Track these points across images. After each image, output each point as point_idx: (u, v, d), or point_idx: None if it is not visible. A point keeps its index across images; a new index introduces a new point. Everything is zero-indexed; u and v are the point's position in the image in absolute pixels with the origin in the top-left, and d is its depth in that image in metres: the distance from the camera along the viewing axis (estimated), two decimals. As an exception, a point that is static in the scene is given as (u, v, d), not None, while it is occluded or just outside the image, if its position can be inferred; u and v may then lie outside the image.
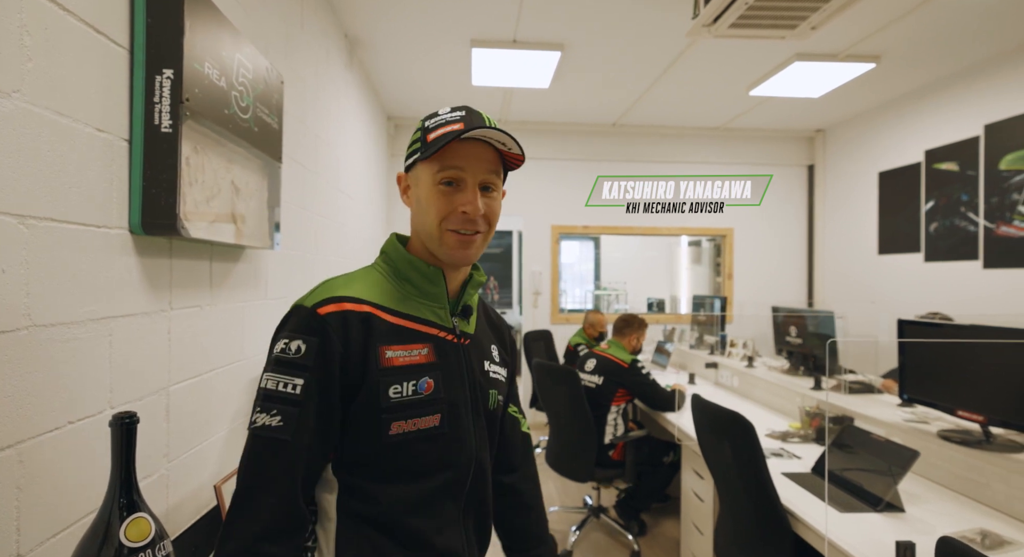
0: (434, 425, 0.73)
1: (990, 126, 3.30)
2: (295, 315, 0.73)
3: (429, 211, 0.77)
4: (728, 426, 1.54)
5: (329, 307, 0.71)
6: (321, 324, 0.70)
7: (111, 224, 1.01)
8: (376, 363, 0.71)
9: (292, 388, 0.68)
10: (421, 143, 0.78)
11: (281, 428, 0.67)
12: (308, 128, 2.25)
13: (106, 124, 0.99)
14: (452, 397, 0.76)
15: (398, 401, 0.71)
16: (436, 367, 0.75)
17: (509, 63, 3.19)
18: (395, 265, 0.81)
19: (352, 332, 0.70)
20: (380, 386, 0.70)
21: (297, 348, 0.69)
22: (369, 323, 0.72)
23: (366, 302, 0.74)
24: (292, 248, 2.04)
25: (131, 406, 1.07)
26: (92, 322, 0.96)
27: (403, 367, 0.72)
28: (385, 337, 0.72)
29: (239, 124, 1.36)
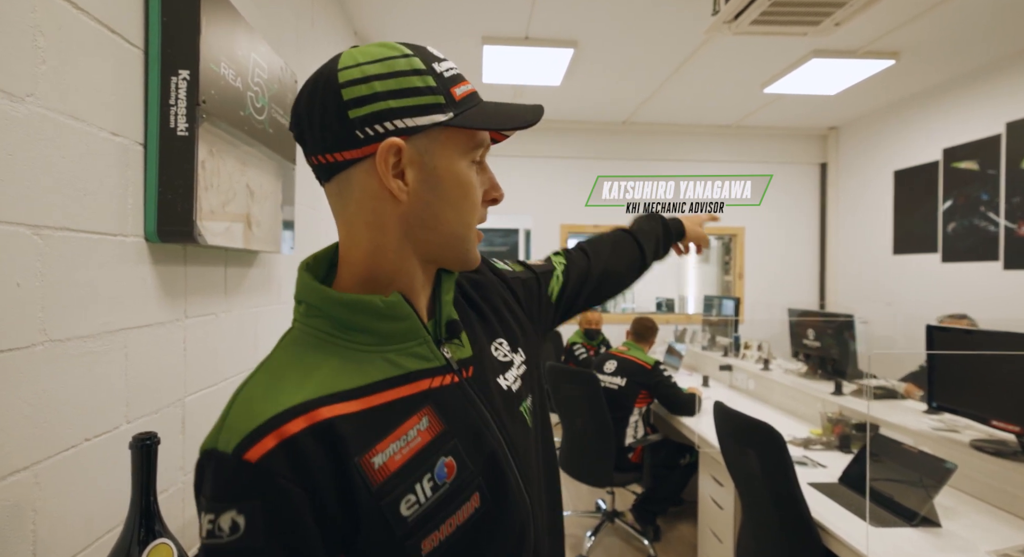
0: (475, 508, 0.51)
1: (1012, 124, 3.23)
2: (214, 468, 0.45)
3: (462, 204, 0.53)
4: (756, 436, 1.50)
5: (262, 444, 0.43)
6: (257, 478, 0.43)
7: (126, 232, 0.97)
8: (366, 486, 0.46)
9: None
10: (445, 96, 0.51)
11: None
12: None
13: (121, 128, 0.95)
14: (484, 458, 0.53)
15: (418, 513, 0.48)
16: (448, 436, 0.51)
17: (521, 60, 3.14)
18: (329, 316, 0.52)
19: (313, 463, 0.44)
20: (386, 511, 0.47)
21: (232, 525, 0.43)
22: (332, 434, 0.45)
23: (313, 403, 0.46)
24: (303, 250, 2.00)
25: (147, 420, 1.03)
26: (108, 335, 0.92)
27: (406, 466, 0.48)
28: (363, 440, 0.47)
29: (254, 126, 1.31)
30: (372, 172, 0.50)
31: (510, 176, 4.66)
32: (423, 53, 0.53)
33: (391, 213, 0.51)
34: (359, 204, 0.51)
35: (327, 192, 0.54)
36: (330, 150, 0.50)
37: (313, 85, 0.51)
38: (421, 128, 0.50)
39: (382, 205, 0.51)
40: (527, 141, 4.64)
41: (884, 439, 1.68)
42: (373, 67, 0.49)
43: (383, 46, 0.51)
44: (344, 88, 0.48)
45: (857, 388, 2.34)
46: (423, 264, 0.55)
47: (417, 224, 0.52)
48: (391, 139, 0.49)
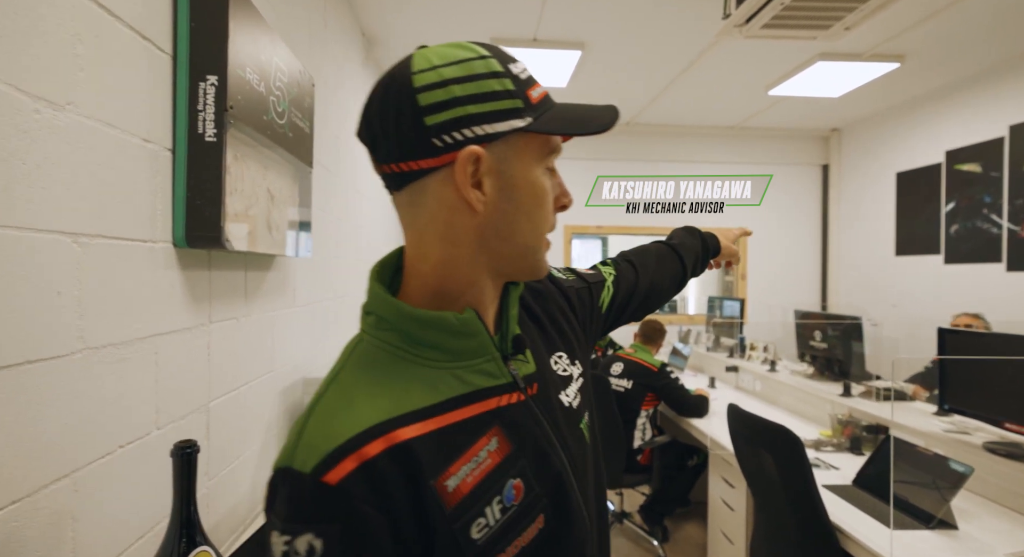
0: (540, 529, 0.51)
1: (1016, 127, 3.26)
2: (287, 490, 0.43)
3: (535, 213, 0.51)
4: (773, 438, 1.51)
5: (342, 466, 0.42)
6: (337, 502, 0.42)
7: (156, 238, 0.97)
8: (441, 509, 0.45)
9: None
10: (522, 100, 0.48)
11: None
12: (329, 129, 2.20)
13: (151, 134, 0.95)
14: (550, 479, 0.52)
15: (488, 537, 0.47)
16: (516, 457, 0.50)
17: (528, 62, 3.12)
18: (400, 330, 0.50)
19: (391, 489, 0.43)
20: (458, 535, 0.46)
21: (308, 549, 0.41)
22: (409, 457, 0.44)
23: (391, 424, 0.45)
24: (319, 253, 2.00)
25: (175, 425, 1.03)
26: (139, 341, 0.92)
27: (477, 488, 0.47)
28: (437, 462, 0.46)
29: (276, 130, 1.31)
30: (449, 182, 0.47)
31: (514, 177, 4.67)
32: (499, 54, 0.49)
33: (467, 225, 0.49)
34: (433, 215, 0.49)
35: (396, 201, 0.52)
36: (404, 159, 0.47)
37: (385, 89, 0.48)
38: (501, 135, 0.47)
39: (458, 217, 0.48)
40: (531, 142, 4.64)
41: (899, 442, 1.69)
42: (450, 70, 0.46)
43: (458, 47, 0.49)
44: (420, 93, 0.46)
45: (866, 390, 2.35)
46: (493, 277, 0.53)
47: (492, 236, 0.50)
48: (471, 147, 0.46)
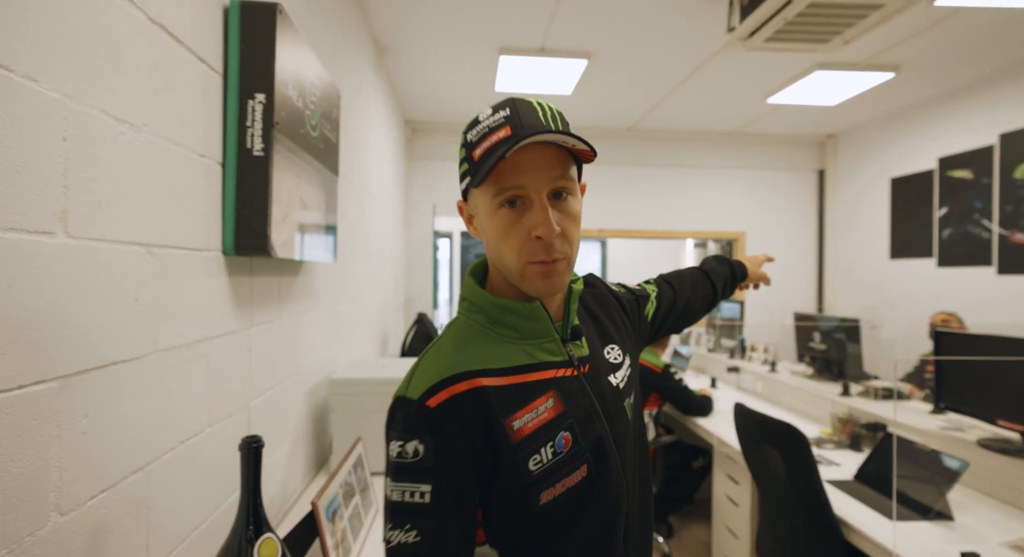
0: (583, 477, 0.65)
1: (1005, 135, 3.36)
2: (401, 410, 0.63)
3: (501, 245, 0.65)
4: (779, 436, 1.58)
5: (439, 396, 0.61)
6: (434, 419, 0.61)
7: (209, 247, 1.03)
8: (507, 441, 0.62)
9: (420, 497, 0.60)
10: (469, 164, 0.66)
11: (419, 544, 0.59)
12: (347, 137, 2.26)
13: (206, 149, 1.01)
14: (592, 439, 0.66)
15: (540, 471, 0.63)
16: (567, 416, 0.65)
17: (535, 70, 3.22)
18: (485, 313, 0.69)
19: (471, 416, 0.61)
20: (519, 464, 0.62)
21: (415, 451, 0.60)
22: (486, 398, 0.62)
23: (474, 373, 0.63)
24: (344, 259, 2.06)
25: (221, 424, 1.09)
26: (196, 344, 0.98)
27: (535, 433, 0.63)
28: (507, 406, 0.63)
29: (310, 142, 1.38)
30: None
31: (517, 181, 4.74)
32: (472, 126, 0.68)
33: (485, 247, 0.70)
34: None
35: None
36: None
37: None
38: (464, 192, 0.70)
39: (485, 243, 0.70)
40: (534, 147, 4.71)
41: (899, 439, 1.77)
42: (464, 141, 0.70)
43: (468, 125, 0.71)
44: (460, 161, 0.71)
45: (864, 389, 2.44)
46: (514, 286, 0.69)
47: (491, 258, 0.70)
48: (458, 200, 0.73)
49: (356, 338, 2.45)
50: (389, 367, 1.88)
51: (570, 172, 0.66)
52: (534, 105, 0.66)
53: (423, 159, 4.62)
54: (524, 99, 0.67)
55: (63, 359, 0.65)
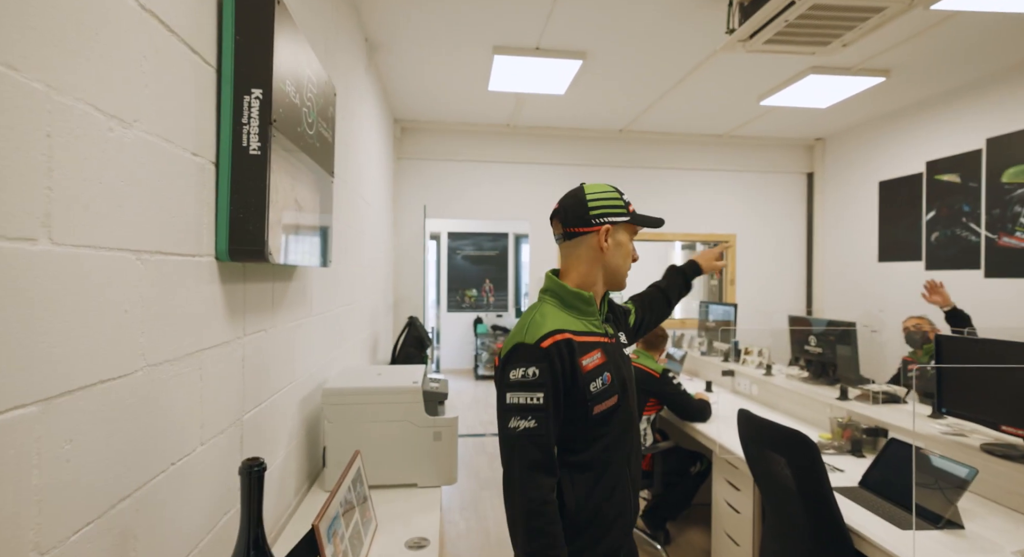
0: (615, 402, 1.11)
1: (992, 140, 3.42)
2: (524, 349, 1.06)
3: (626, 258, 1.18)
4: (787, 444, 1.56)
5: (547, 341, 1.05)
6: (546, 354, 1.04)
7: (202, 252, 0.96)
8: (580, 371, 1.07)
9: (537, 400, 1.02)
10: (625, 210, 1.16)
11: (537, 426, 1.02)
12: (339, 136, 2.19)
13: (199, 147, 0.94)
14: (620, 380, 1.13)
15: (596, 392, 1.08)
16: (608, 364, 1.11)
17: (529, 70, 3.17)
18: (562, 298, 1.15)
19: (564, 355, 1.06)
20: (585, 386, 1.07)
21: (533, 373, 1.03)
22: (570, 346, 1.07)
23: (564, 331, 1.07)
24: (339, 263, 1.99)
25: (214, 441, 1.02)
26: (188, 356, 0.91)
27: (593, 370, 1.08)
28: (579, 352, 1.08)
29: (307, 141, 1.31)
30: (594, 238, 1.15)
31: (508, 182, 4.69)
32: (621, 193, 1.18)
33: (597, 258, 1.16)
34: (582, 253, 1.16)
35: (564, 245, 1.18)
36: (575, 225, 1.15)
37: (572, 195, 1.17)
38: (617, 222, 1.15)
39: (595, 254, 1.15)
40: (527, 148, 4.67)
41: (905, 445, 1.76)
42: (603, 193, 1.16)
43: (607, 185, 1.18)
44: (588, 199, 1.15)
45: (861, 393, 2.43)
46: (601, 285, 1.18)
47: (606, 264, 1.16)
48: (607, 224, 1.14)
49: (348, 344, 2.37)
50: (385, 375, 1.82)
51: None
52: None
53: (413, 159, 4.55)
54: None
55: (45, 379, 0.59)
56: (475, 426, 4.95)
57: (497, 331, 7.43)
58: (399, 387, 1.68)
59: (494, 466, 3.90)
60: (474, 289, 7.72)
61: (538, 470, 1.00)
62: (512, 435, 1.02)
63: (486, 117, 4.35)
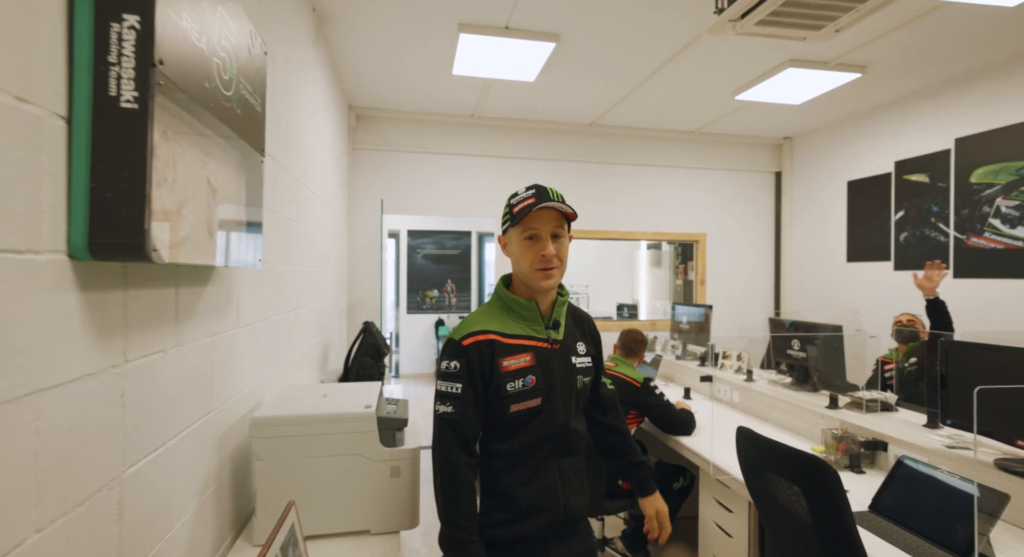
0: (536, 404, 1.18)
1: (961, 140, 3.41)
2: (450, 345, 1.19)
3: (522, 259, 1.19)
4: (802, 471, 1.36)
5: (468, 340, 1.17)
6: (464, 351, 1.16)
7: (39, 247, 0.65)
8: (499, 370, 1.16)
9: (455, 389, 1.15)
10: (509, 215, 1.19)
11: (453, 411, 1.15)
12: (280, 114, 1.87)
13: (31, 90, 0.63)
14: (548, 385, 1.19)
15: (513, 392, 1.16)
16: (536, 368, 1.18)
17: (497, 52, 2.91)
18: (503, 302, 1.23)
19: (484, 353, 1.16)
20: (503, 384, 1.16)
21: (454, 366, 1.16)
22: (493, 346, 1.17)
23: (489, 332, 1.18)
24: (273, 263, 1.67)
25: (70, 516, 0.71)
26: (8, 404, 0.60)
27: (516, 371, 1.17)
28: (502, 353, 1.17)
29: (221, 104, 1.00)
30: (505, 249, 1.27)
31: (472, 176, 4.41)
32: (513, 196, 1.22)
33: (512, 263, 1.25)
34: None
35: None
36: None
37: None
38: (505, 230, 1.23)
39: (512, 262, 1.25)
40: (493, 140, 4.41)
41: (915, 463, 1.60)
42: (506, 206, 1.24)
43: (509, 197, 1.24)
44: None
45: (851, 401, 2.30)
46: (526, 288, 1.24)
47: (515, 269, 1.24)
48: (499, 235, 1.27)
49: (293, 357, 2.05)
50: (332, 398, 1.52)
51: (563, 226, 1.20)
52: (548, 189, 1.19)
53: (369, 149, 4.20)
54: (543, 185, 1.20)
55: None
56: (437, 436, 4.65)
57: (460, 333, 7.13)
58: (348, 413, 1.38)
59: (459, 482, 3.61)
60: (435, 290, 7.40)
61: (452, 446, 1.15)
62: (436, 416, 1.18)
63: (449, 106, 4.06)
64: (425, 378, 7.21)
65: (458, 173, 4.40)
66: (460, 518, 1.12)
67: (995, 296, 3.24)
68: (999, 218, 3.22)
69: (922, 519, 1.47)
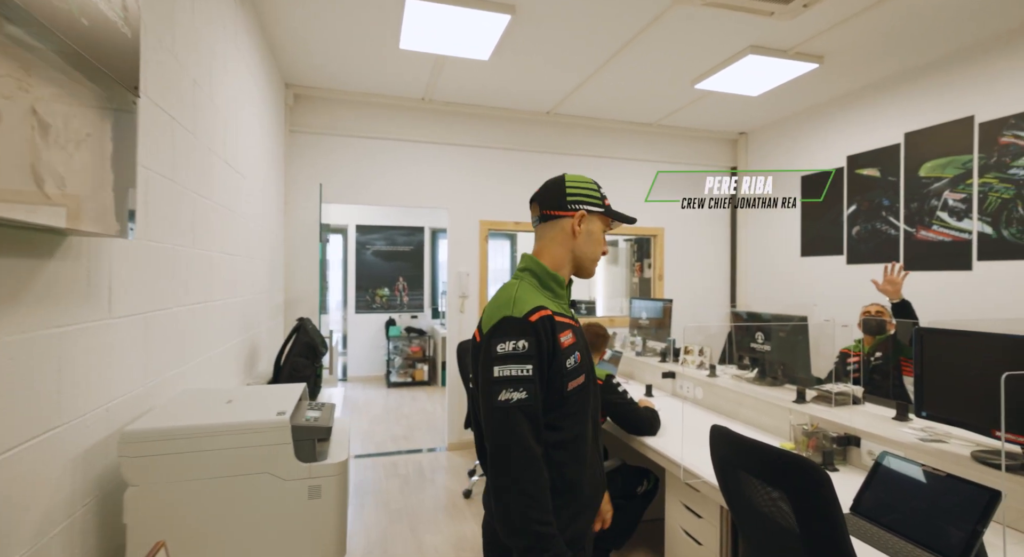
0: (583, 382, 1.13)
1: (910, 134, 3.45)
2: (512, 323, 1.06)
3: (596, 246, 1.21)
4: (787, 474, 1.21)
5: (535, 316, 1.07)
6: (534, 328, 1.05)
7: None
8: (559, 347, 1.09)
9: (526, 371, 1.03)
10: (601, 202, 1.21)
11: (527, 397, 1.03)
12: (183, 67, 1.57)
13: None
14: (586, 361, 1.16)
15: (570, 369, 1.10)
16: (578, 344, 1.14)
17: (448, 23, 2.68)
18: (539, 278, 1.18)
19: (549, 329, 1.07)
20: (563, 361, 1.09)
21: (523, 345, 1.04)
22: (552, 321, 1.09)
23: (546, 308, 1.09)
24: (157, 237, 1.37)
25: None
26: None
27: (569, 347, 1.11)
28: (559, 329, 1.10)
29: (55, 8, 0.73)
30: (568, 222, 1.18)
31: (423, 164, 4.15)
32: (600, 186, 1.24)
33: (569, 242, 1.19)
34: (555, 235, 1.19)
35: (540, 227, 1.21)
36: (553, 209, 1.19)
37: (553, 182, 1.21)
38: (592, 211, 1.19)
39: (567, 238, 1.19)
40: (445, 127, 4.16)
41: (897, 460, 1.49)
42: (582, 183, 1.21)
43: (588, 178, 1.22)
44: (567, 185, 1.20)
45: (818, 394, 2.21)
46: (570, 270, 1.22)
47: (576, 249, 1.19)
48: (582, 211, 1.18)
49: (200, 358, 1.74)
50: (239, 403, 1.25)
51: None
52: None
53: (309, 133, 3.87)
54: None
55: None
56: (386, 443, 4.35)
57: (412, 333, 6.81)
58: (254, 423, 1.12)
59: (408, 491, 3.35)
60: (386, 288, 7.05)
61: (531, 438, 1.02)
62: (505, 407, 1.02)
63: (398, 88, 3.78)
64: (375, 381, 6.85)
65: (408, 161, 4.12)
66: (550, 516, 1.00)
67: (943, 288, 3.28)
68: (947, 211, 3.27)
69: (910, 521, 1.35)
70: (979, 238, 3.10)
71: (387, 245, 7.12)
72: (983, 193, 3.08)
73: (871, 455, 1.77)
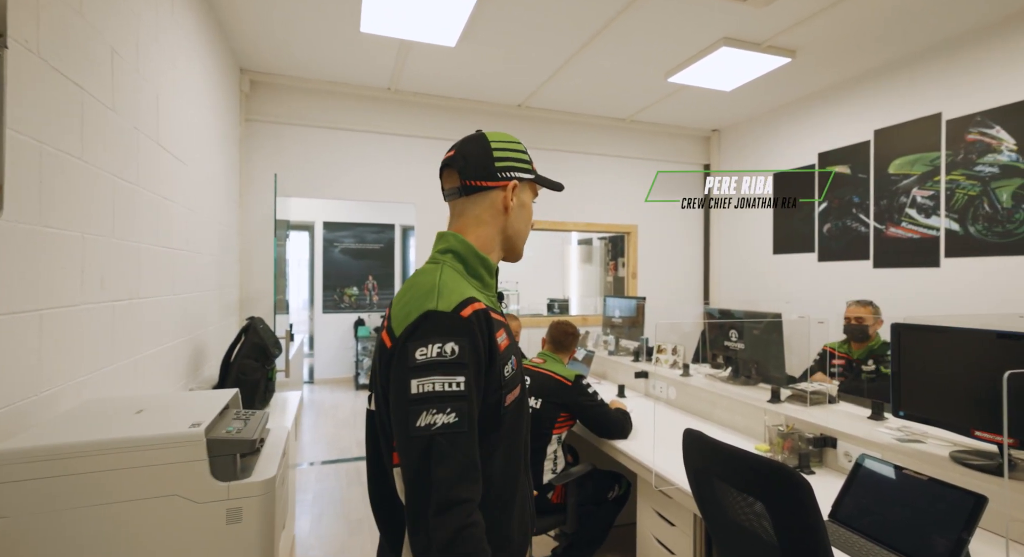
0: (519, 394, 0.88)
1: (879, 131, 3.45)
2: (438, 319, 0.77)
3: (526, 221, 0.98)
4: (766, 483, 1.11)
5: (467, 310, 0.79)
6: (467, 326, 0.78)
7: None
8: (497, 350, 0.82)
9: (457, 386, 0.75)
10: (530, 167, 0.98)
11: (458, 422, 0.74)
12: (96, 30, 1.38)
13: None
14: (521, 370, 0.91)
15: (509, 377, 0.84)
16: (512, 347, 0.89)
17: (412, 4, 2.53)
18: (467, 263, 0.90)
19: (483, 329, 0.80)
20: (500, 368, 0.82)
21: (452, 350, 0.76)
22: (488, 317, 0.82)
23: (477, 300, 0.82)
24: (56, 223, 1.19)
25: None
26: None
27: (506, 349, 0.85)
28: (495, 327, 0.83)
29: None
30: (498, 194, 0.93)
31: (389, 157, 3.98)
32: (516, 140, 0.98)
33: (499, 219, 0.94)
34: (483, 211, 0.93)
35: (458, 202, 0.94)
36: (477, 179, 0.92)
37: (473, 141, 0.94)
38: (523, 179, 0.95)
39: (496, 214, 0.93)
40: (413, 118, 4.00)
41: (877, 463, 1.41)
42: (510, 143, 0.95)
43: (512, 136, 0.97)
44: (493, 148, 0.93)
45: (792, 393, 2.15)
46: (499, 252, 0.96)
47: (510, 225, 0.95)
48: (514, 180, 0.94)
49: (124, 362, 1.55)
50: (149, 414, 1.09)
51: None
52: None
53: (267, 122, 3.66)
54: None
55: None
56: (351, 448, 4.16)
57: (382, 334, 6.61)
58: (159, 437, 0.96)
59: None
60: (355, 287, 6.82)
61: (463, 480, 0.73)
62: (425, 435, 0.73)
63: (362, 75, 3.61)
64: (343, 383, 6.62)
65: (374, 154, 3.95)
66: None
67: (911, 284, 3.29)
68: (915, 208, 3.27)
69: (892, 529, 1.27)
70: (946, 235, 3.11)
71: (356, 243, 6.90)
72: (950, 190, 3.08)
73: (848, 457, 1.70)
